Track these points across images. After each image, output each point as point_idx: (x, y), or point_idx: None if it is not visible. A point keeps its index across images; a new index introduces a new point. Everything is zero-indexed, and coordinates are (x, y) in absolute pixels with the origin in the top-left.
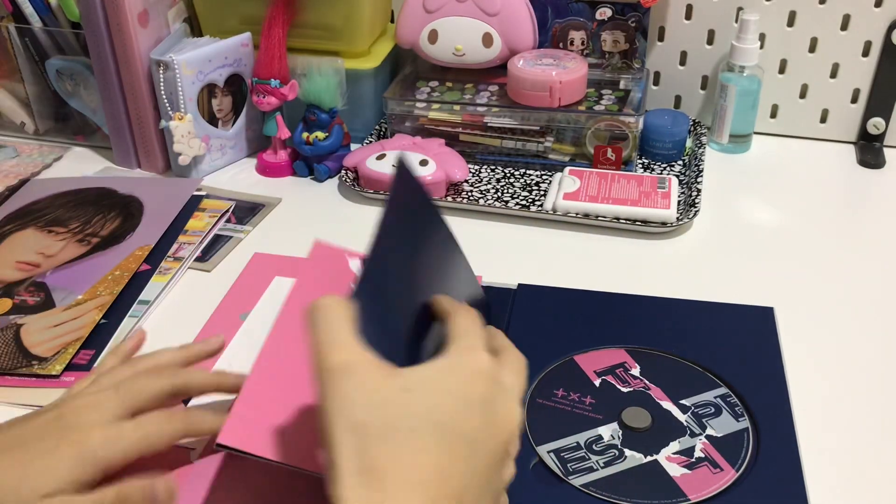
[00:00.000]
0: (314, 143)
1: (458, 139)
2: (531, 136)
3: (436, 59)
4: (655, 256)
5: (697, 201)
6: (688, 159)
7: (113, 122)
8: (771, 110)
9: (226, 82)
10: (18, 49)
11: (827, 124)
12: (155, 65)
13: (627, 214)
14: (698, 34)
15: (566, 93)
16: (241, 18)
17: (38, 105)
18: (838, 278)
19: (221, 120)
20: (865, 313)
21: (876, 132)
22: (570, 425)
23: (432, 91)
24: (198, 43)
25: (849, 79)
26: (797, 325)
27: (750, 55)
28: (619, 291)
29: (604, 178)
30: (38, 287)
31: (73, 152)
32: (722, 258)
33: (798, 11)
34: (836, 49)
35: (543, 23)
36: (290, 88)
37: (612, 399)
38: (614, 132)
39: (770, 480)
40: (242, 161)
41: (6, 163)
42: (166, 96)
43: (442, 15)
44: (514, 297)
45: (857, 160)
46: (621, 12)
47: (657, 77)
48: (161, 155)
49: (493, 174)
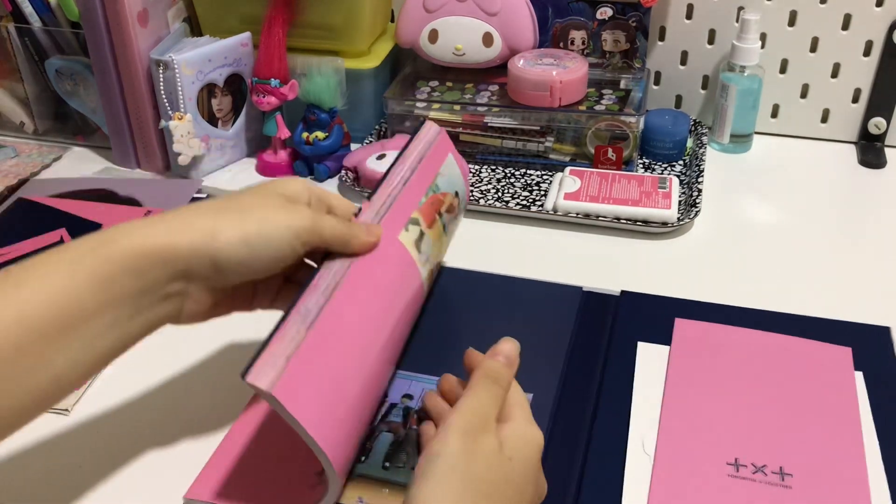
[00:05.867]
0: (314, 143)
1: (458, 139)
2: (531, 136)
3: (436, 58)
4: (656, 256)
5: (698, 201)
6: (688, 159)
7: (112, 122)
8: (772, 110)
9: (226, 82)
10: (18, 49)
11: (828, 124)
12: (155, 64)
13: (628, 214)
14: (699, 34)
15: (566, 93)
16: (240, 18)
17: (38, 105)
18: (839, 278)
19: (221, 120)
20: (866, 313)
21: (877, 132)
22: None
23: (432, 91)
24: (197, 43)
25: (850, 79)
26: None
27: (751, 55)
28: (620, 291)
29: (604, 178)
30: None
31: (73, 152)
32: (723, 258)
33: (799, 11)
34: (837, 49)
35: (544, 22)
36: (290, 88)
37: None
38: (615, 132)
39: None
40: (242, 161)
41: (6, 163)
42: (166, 96)
43: (442, 14)
44: (617, 304)
45: (858, 160)
46: (622, 12)
47: (658, 77)
48: (161, 155)
49: (494, 174)
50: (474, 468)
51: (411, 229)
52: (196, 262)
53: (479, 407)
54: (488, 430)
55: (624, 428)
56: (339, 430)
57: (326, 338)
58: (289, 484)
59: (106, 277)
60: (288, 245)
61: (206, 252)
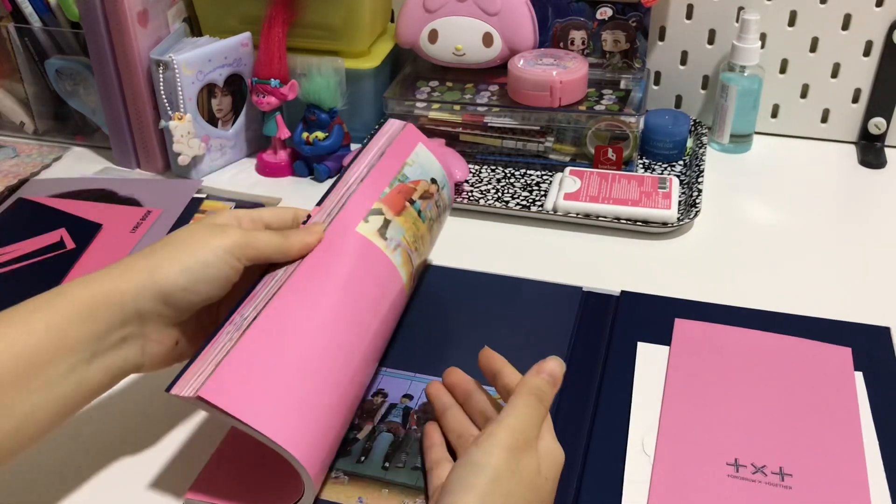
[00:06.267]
0: (314, 143)
1: (458, 139)
2: (532, 136)
3: (436, 58)
4: (656, 257)
5: (698, 201)
6: (688, 159)
7: (112, 122)
8: (772, 110)
9: (225, 82)
10: (18, 49)
11: (828, 124)
12: (154, 65)
13: (628, 215)
14: (699, 34)
15: (566, 93)
16: (240, 18)
17: (38, 105)
18: (839, 278)
19: (221, 120)
20: (865, 313)
21: (877, 132)
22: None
23: (432, 91)
24: (197, 43)
25: (850, 79)
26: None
27: (751, 55)
28: (620, 292)
29: (604, 178)
30: None
31: (73, 152)
32: (723, 258)
33: (799, 11)
34: (837, 49)
35: (544, 22)
36: (290, 88)
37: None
38: (615, 132)
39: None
40: (242, 161)
41: (6, 163)
42: (166, 96)
43: (442, 15)
44: (616, 304)
45: (858, 160)
46: (622, 12)
47: (658, 77)
48: (161, 155)
49: (494, 174)
50: (517, 488)
51: (372, 219)
52: (142, 301)
53: (525, 425)
54: (531, 449)
55: (624, 428)
56: (296, 421)
57: (267, 336)
58: (289, 484)
59: (59, 325)
60: (225, 263)
61: (149, 288)
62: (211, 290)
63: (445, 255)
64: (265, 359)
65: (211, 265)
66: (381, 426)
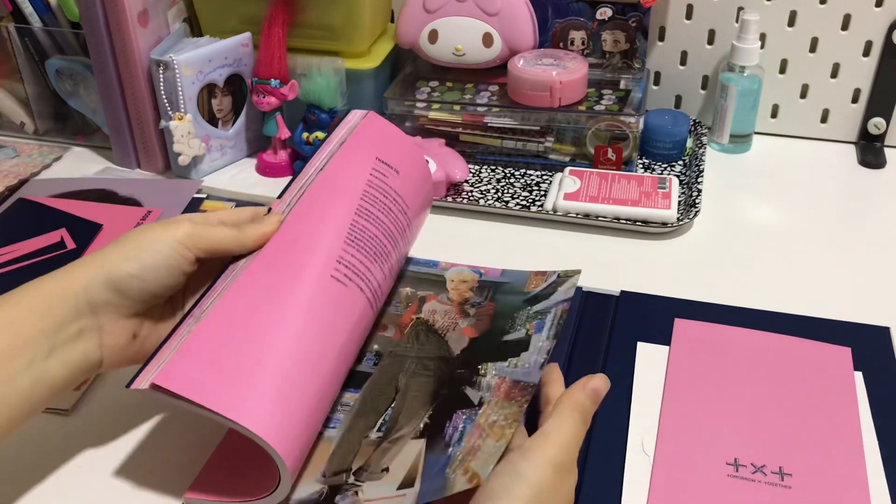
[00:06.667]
0: (314, 143)
1: (458, 139)
2: (531, 136)
3: (436, 59)
4: (656, 256)
5: (698, 201)
6: (688, 159)
7: (113, 122)
8: (771, 110)
9: (226, 82)
10: (18, 49)
11: (827, 124)
12: (155, 65)
13: (628, 215)
14: (699, 34)
15: (566, 93)
16: (240, 18)
17: (38, 105)
18: (839, 278)
19: (221, 120)
20: (865, 313)
21: (877, 132)
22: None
23: (432, 91)
24: (198, 43)
25: (849, 79)
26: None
27: (750, 55)
28: (619, 292)
29: (604, 178)
30: None
31: (73, 152)
32: (722, 258)
33: (798, 11)
34: (837, 49)
35: (544, 23)
36: (290, 88)
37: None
38: (615, 132)
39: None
40: (242, 161)
41: (6, 163)
42: (166, 96)
43: (442, 15)
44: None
45: (858, 160)
46: (621, 12)
47: (657, 77)
48: (161, 155)
49: (494, 174)
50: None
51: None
52: (93, 290)
53: (570, 444)
54: (573, 470)
55: (624, 428)
56: (260, 400)
57: (225, 321)
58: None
59: (16, 319)
60: (174, 251)
61: (98, 278)
62: (162, 279)
63: (445, 254)
64: (221, 343)
65: (159, 252)
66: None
